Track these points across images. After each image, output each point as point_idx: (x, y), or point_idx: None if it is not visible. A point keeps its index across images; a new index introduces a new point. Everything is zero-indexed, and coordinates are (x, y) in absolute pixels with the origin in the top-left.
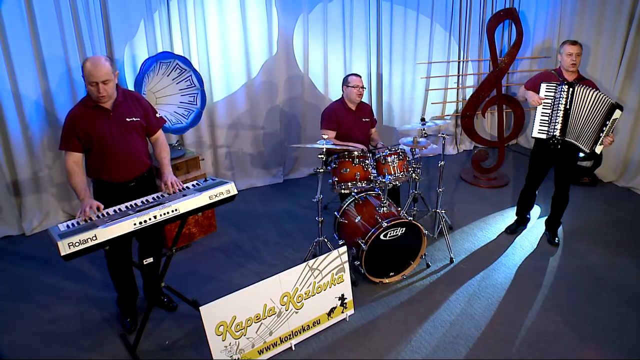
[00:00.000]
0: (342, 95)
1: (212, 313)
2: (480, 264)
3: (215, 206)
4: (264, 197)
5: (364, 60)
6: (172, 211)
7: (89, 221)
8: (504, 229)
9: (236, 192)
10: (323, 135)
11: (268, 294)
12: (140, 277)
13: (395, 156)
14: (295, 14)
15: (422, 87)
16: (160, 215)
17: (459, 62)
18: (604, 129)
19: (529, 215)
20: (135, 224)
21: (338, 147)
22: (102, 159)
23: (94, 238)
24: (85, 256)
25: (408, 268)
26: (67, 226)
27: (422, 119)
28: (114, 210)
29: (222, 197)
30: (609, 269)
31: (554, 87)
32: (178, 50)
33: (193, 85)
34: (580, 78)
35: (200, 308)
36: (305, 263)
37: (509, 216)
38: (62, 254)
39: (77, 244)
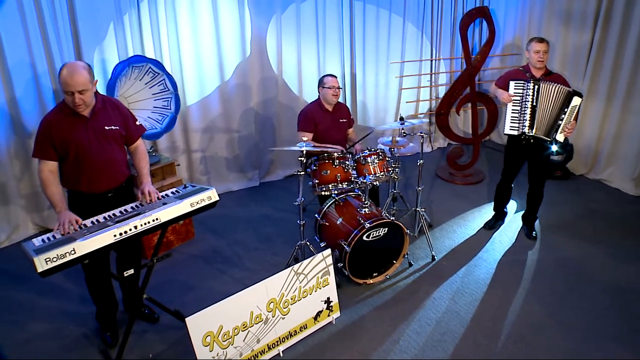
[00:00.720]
0: (319, 96)
1: (198, 323)
2: (462, 261)
3: (197, 213)
4: (241, 201)
5: (337, 61)
6: (153, 220)
7: (65, 234)
8: (482, 225)
9: (217, 199)
10: (303, 138)
11: (254, 301)
12: (119, 289)
13: (375, 156)
14: (268, 14)
15: (395, 86)
16: (141, 225)
17: (431, 61)
18: (563, 116)
19: (506, 209)
20: (115, 236)
21: (317, 149)
22: (79, 168)
23: (73, 252)
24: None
25: (391, 268)
26: (43, 240)
27: (401, 118)
28: (92, 222)
29: (203, 204)
30: (586, 261)
31: (522, 85)
32: (149, 54)
33: (167, 89)
34: (547, 73)
35: (186, 319)
36: (291, 268)
37: (487, 212)
38: (39, 270)
39: (54, 259)
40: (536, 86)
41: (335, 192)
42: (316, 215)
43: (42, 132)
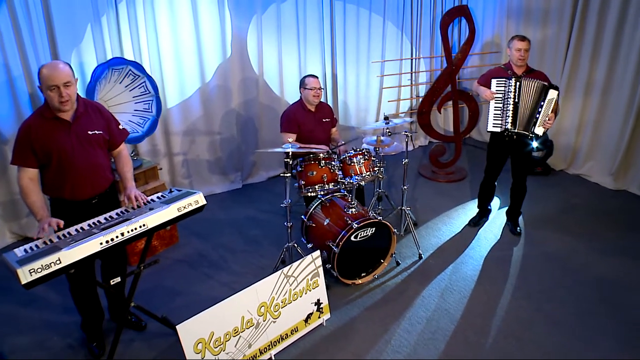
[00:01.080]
0: (300, 97)
1: (189, 330)
2: (449, 258)
3: (184, 218)
4: (224, 203)
5: (318, 60)
6: (140, 227)
7: (49, 243)
8: (467, 222)
9: (205, 203)
10: (288, 139)
11: (245, 305)
12: (104, 296)
13: (361, 156)
14: (248, 15)
15: (376, 85)
16: (128, 231)
17: (411, 60)
18: (540, 110)
19: (490, 206)
20: (101, 243)
21: (303, 150)
22: (61, 175)
23: (58, 262)
24: None
25: (379, 267)
26: (25, 250)
27: (386, 118)
28: (76, 230)
29: (191, 208)
30: (570, 255)
31: (504, 82)
32: (128, 56)
33: (147, 92)
34: (529, 71)
35: (177, 327)
36: (280, 271)
37: (471, 209)
38: (24, 282)
39: (39, 270)
40: (518, 83)
41: (322, 192)
42: (302, 216)
43: (22, 137)
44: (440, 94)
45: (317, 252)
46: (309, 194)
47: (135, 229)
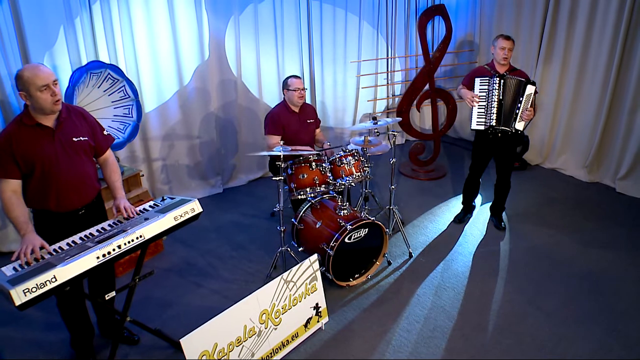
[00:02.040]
0: (284, 98)
1: (194, 344)
2: (438, 256)
3: (180, 227)
4: (206, 209)
5: (296, 61)
6: (137, 238)
7: (40, 259)
8: (452, 219)
9: (201, 210)
10: (273, 141)
11: (247, 314)
12: (91, 310)
13: (351, 157)
14: (226, 16)
15: (353, 85)
16: (125, 244)
17: (387, 59)
18: (519, 105)
19: (474, 203)
20: (98, 257)
21: (296, 153)
22: (46, 185)
23: (54, 279)
24: None
25: (372, 268)
26: (15, 269)
27: (374, 118)
28: (68, 244)
29: (187, 216)
30: (554, 247)
31: (487, 81)
32: (104, 59)
33: (127, 96)
34: (511, 69)
35: (180, 341)
36: (280, 276)
37: (454, 206)
38: (18, 303)
39: (34, 289)
40: (502, 81)
41: (312, 195)
42: (293, 220)
43: (2, 147)
44: (419, 93)
45: (315, 256)
46: (299, 197)
47: (132, 240)
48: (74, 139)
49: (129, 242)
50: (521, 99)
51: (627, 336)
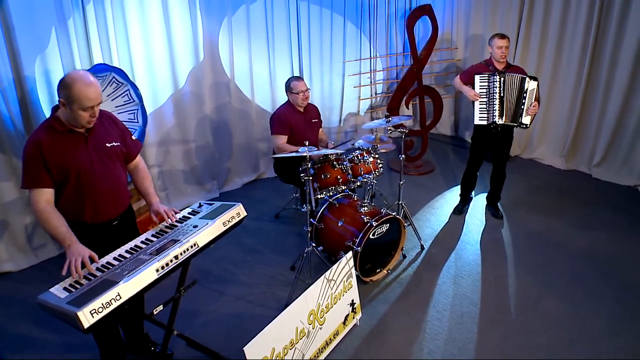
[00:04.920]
0: (288, 99)
1: (255, 351)
2: (448, 247)
3: (227, 233)
4: None
5: (287, 61)
6: (191, 247)
7: (92, 278)
8: (452, 211)
9: (246, 214)
10: (279, 141)
11: (298, 315)
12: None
13: (368, 155)
14: (219, 17)
15: (339, 84)
16: (181, 254)
17: (371, 59)
18: (524, 101)
19: (472, 194)
20: (157, 270)
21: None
22: (81, 195)
23: (118, 297)
24: (20, 318)
25: (391, 262)
26: (66, 289)
27: (387, 116)
28: (116, 258)
29: (234, 221)
30: (551, 231)
31: (487, 78)
32: (98, 61)
33: (131, 100)
34: (508, 66)
35: (244, 349)
36: (323, 276)
37: (450, 198)
38: (86, 326)
39: (100, 310)
40: (502, 78)
41: (329, 194)
42: (311, 220)
43: (32, 156)
44: (408, 91)
45: (350, 254)
46: (321, 196)
47: (187, 249)
48: (107, 144)
49: (184, 252)
50: (525, 95)
51: (634, 306)
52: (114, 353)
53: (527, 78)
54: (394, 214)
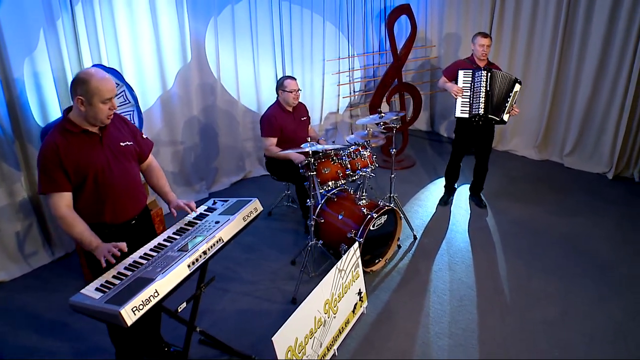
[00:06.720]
0: (277, 99)
1: (281, 340)
2: (438, 236)
3: (247, 228)
4: None
5: (271, 61)
6: (217, 242)
7: (123, 277)
8: (437, 202)
9: (262, 209)
10: (268, 143)
11: (316, 305)
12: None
13: (364, 149)
14: (206, 17)
15: (319, 83)
16: (209, 249)
17: (353, 58)
18: (508, 99)
19: (456, 185)
20: (189, 266)
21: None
22: (100, 196)
23: (156, 294)
24: (20, 327)
25: (389, 252)
26: (99, 290)
27: (379, 112)
28: (142, 257)
29: (252, 216)
30: (532, 218)
31: (471, 73)
32: (87, 63)
33: (127, 101)
34: (489, 63)
35: (272, 339)
36: (335, 266)
37: (434, 190)
38: (130, 323)
39: (140, 307)
40: (489, 74)
41: (327, 188)
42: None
43: (48, 159)
44: (389, 88)
45: (356, 244)
46: (322, 191)
47: (214, 245)
48: (121, 143)
49: (212, 247)
50: (510, 94)
51: (614, 281)
52: (131, 353)
53: (515, 80)
54: (391, 205)
